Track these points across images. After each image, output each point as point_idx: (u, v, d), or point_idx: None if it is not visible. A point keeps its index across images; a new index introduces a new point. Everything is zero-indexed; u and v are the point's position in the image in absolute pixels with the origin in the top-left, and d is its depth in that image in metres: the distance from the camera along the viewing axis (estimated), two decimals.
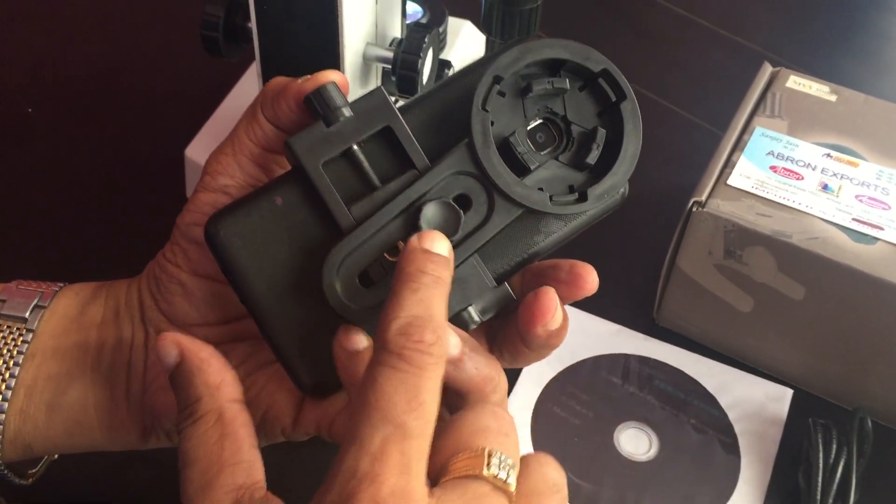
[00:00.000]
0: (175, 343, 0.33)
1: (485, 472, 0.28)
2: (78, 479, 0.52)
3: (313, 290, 0.34)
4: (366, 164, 0.35)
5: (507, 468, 0.29)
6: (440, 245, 0.32)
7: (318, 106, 0.34)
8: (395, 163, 0.35)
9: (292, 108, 0.36)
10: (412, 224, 0.34)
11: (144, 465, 0.53)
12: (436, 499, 0.28)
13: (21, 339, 0.38)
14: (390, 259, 0.34)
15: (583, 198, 0.35)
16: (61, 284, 0.41)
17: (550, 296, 0.35)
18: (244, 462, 0.31)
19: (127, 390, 0.39)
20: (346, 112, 0.34)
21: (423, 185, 0.34)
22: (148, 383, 0.39)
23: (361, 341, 0.33)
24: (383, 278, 0.34)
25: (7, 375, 0.38)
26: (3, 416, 0.38)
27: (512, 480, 0.29)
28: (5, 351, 0.38)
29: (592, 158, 0.36)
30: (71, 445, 0.40)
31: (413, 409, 0.28)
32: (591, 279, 0.36)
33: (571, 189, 0.36)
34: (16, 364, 0.38)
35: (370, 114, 0.35)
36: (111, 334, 0.39)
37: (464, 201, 0.35)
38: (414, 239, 0.32)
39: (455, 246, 0.34)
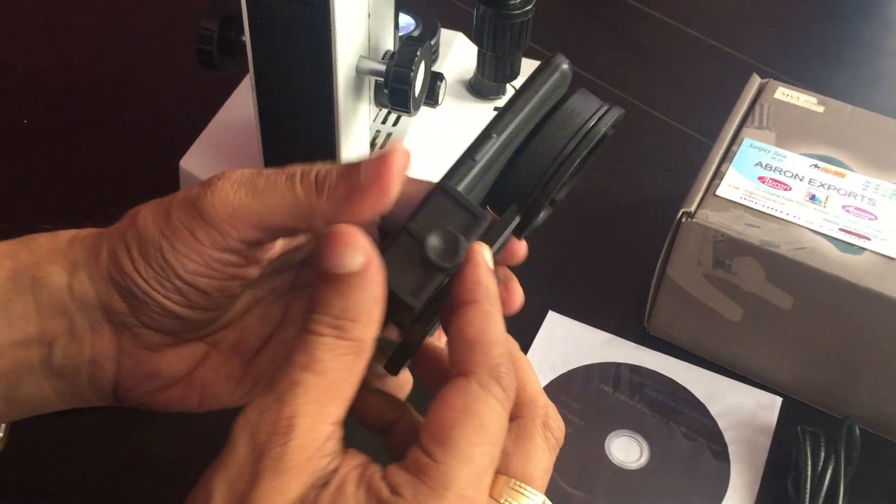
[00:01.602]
0: (363, 250, 0.31)
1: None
2: (72, 488, 0.53)
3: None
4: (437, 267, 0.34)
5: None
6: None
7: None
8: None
9: None
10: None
11: (140, 474, 0.53)
12: None
13: None
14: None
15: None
16: None
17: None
18: None
19: (92, 382, 0.37)
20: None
21: None
22: (132, 385, 0.37)
23: None
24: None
25: None
26: None
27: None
28: None
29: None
30: (37, 415, 0.38)
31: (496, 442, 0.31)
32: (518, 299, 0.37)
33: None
34: None
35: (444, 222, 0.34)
36: (57, 329, 0.36)
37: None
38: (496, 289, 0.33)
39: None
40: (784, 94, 0.63)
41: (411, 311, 0.33)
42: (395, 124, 0.65)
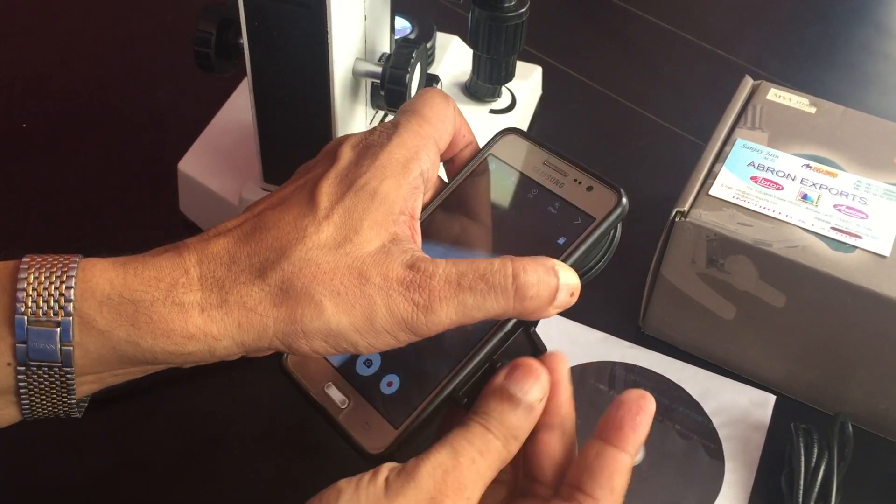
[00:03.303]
0: (546, 388, 0.39)
1: None
2: (70, 487, 0.53)
3: None
4: None
5: None
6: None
7: None
8: None
9: None
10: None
11: (139, 474, 0.54)
12: None
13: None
14: None
15: None
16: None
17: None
18: None
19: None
20: None
21: None
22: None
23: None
24: None
25: (63, 307, 0.35)
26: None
27: None
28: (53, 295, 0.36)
29: None
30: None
31: None
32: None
33: None
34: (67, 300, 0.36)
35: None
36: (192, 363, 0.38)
37: None
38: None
39: None
40: (776, 95, 0.63)
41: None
42: None
